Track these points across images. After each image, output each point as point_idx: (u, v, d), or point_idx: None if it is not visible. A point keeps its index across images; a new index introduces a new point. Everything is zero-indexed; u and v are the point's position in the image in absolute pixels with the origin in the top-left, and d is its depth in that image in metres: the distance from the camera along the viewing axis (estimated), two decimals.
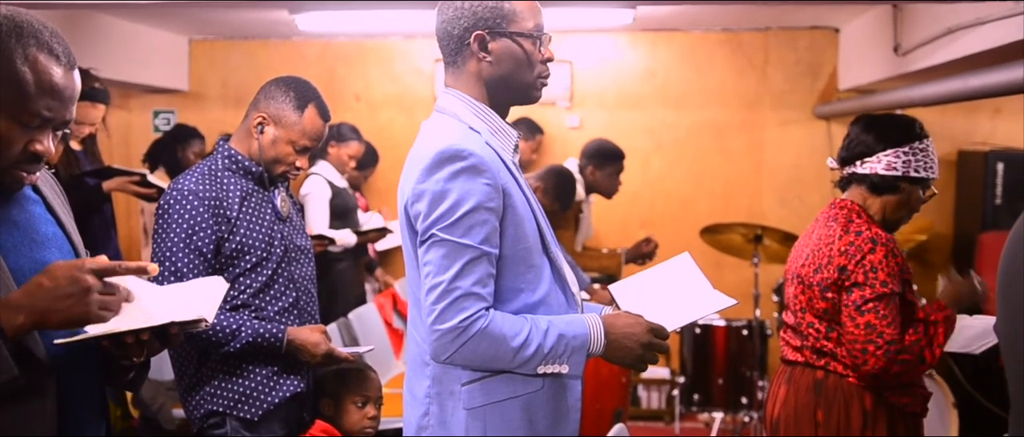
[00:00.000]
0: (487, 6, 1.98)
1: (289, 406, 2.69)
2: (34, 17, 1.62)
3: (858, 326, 2.49)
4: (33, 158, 1.62)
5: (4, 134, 1.57)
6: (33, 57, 1.57)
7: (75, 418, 1.69)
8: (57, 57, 1.60)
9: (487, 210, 1.90)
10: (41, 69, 1.58)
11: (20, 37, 1.57)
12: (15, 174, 1.62)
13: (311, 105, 2.68)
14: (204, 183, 2.60)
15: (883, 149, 2.60)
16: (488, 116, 2.02)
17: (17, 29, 1.57)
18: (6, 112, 1.57)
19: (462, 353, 1.89)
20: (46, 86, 1.59)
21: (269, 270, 2.64)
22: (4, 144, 1.58)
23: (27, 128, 1.59)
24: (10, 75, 1.56)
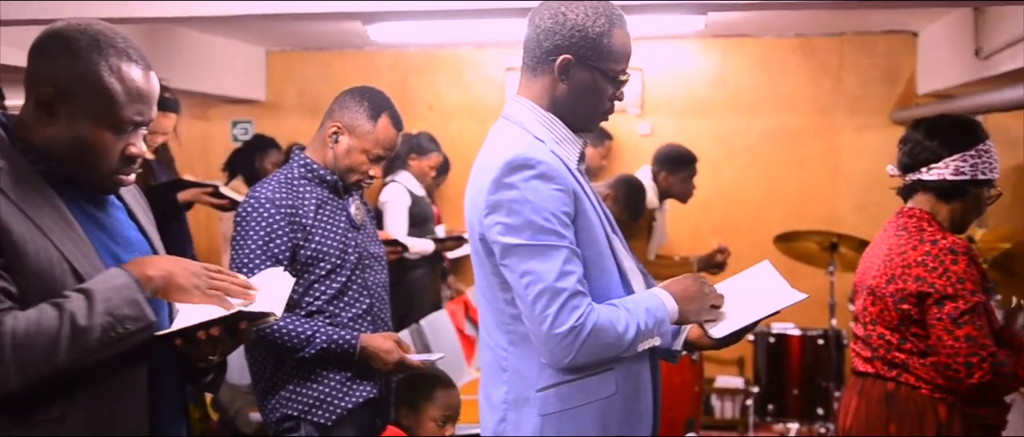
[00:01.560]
0: (586, 35, 1.97)
1: (362, 411, 2.73)
2: (105, 25, 1.69)
3: (957, 339, 2.43)
4: (129, 161, 1.71)
5: (102, 143, 1.66)
6: (116, 66, 1.65)
7: (158, 416, 1.75)
8: (136, 61, 1.68)
9: (564, 214, 1.91)
10: (126, 76, 1.66)
11: (100, 49, 1.64)
12: (115, 178, 1.72)
13: (384, 115, 2.73)
14: (280, 191, 2.66)
15: (950, 154, 2.54)
16: (554, 125, 2.03)
17: (95, 42, 1.65)
18: (101, 123, 1.65)
19: (583, 351, 1.89)
20: (133, 92, 1.67)
21: (343, 277, 2.68)
22: (103, 152, 1.67)
23: (121, 134, 1.67)
24: (99, 87, 1.64)
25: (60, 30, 1.67)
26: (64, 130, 1.66)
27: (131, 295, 1.61)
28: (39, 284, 1.60)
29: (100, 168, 1.69)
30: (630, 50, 2.03)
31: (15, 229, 1.59)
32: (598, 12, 1.98)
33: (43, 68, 1.66)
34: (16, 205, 1.60)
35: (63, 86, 1.64)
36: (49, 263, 1.61)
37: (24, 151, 1.67)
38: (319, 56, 6.82)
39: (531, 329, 1.93)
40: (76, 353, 1.56)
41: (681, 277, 2.08)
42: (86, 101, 1.64)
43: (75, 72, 1.64)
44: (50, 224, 1.63)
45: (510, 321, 1.99)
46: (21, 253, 1.59)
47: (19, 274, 1.59)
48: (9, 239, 1.58)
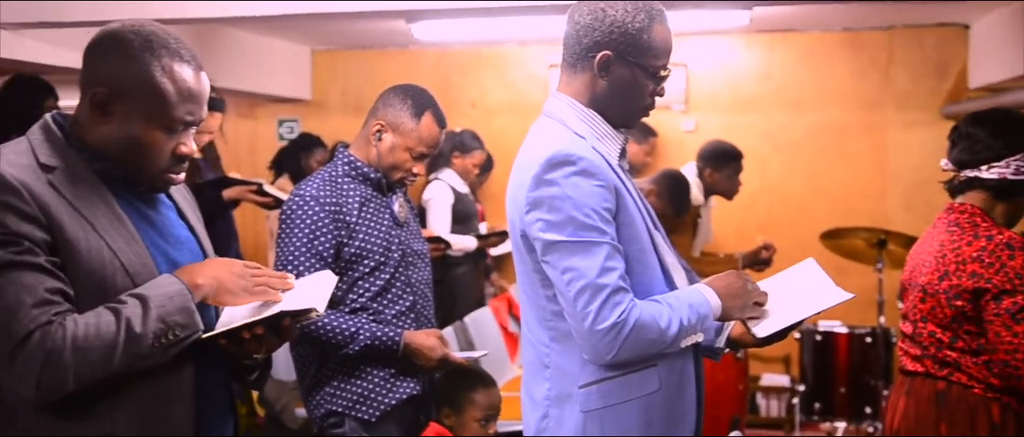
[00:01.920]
0: (625, 31, 1.96)
1: (405, 408, 2.74)
2: (158, 27, 1.72)
3: (1016, 335, 2.38)
4: (180, 160, 1.74)
5: (154, 143, 1.70)
6: (169, 67, 1.68)
7: (204, 414, 1.78)
8: (188, 62, 1.71)
9: (606, 210, 1.91)
10: (178, 77, 1.69)
11: (153, 50, 1.67)
12: (166, 177, 1.75)
13: (428, 112, 2.74)
14: (325, 189, 2.68)
15: (1012, 153, 2.49)
16: (594, 121, 2.03)
17: (148, 43, 1.67)
18: (154, 122, 1.68)
19: (626, 348, 1.88)
20: (185, 92, 1.69)
21: (387, 274, 2.70)
22: (155, 151, 1.70)
23: (172, 133, 1.70)
24: (152, 88, 1.67)
25: (115, 31, 1.70)
26: (118, 129, 1.69)
27: (184, 303, 1.64)
28: (91, 282, 1.63)
29: (151, 167, 1.72)
30: (670, 45, 2.02)
31: (68, 228, 1.62)
32: (638, 8, 1.97)
33: (98, 68, 1.69)
34: (71, 204, 1.64)
35: (117, 86, 1.67)
36: (101, 261, 1.64)
37: (79, 150, 1.70)
38: (363, 55, 6.86)
39: (573, 326, 1.92)
40: (129, 358, 1.59)
41: (724, 273, 2.07)
42: (139, 101, 1.67)
43: (129, 72, 1.67)
44: (103, 222, 1.66)
45: (552, 318, 1.99)
46: (74, 252, 1.62)
47: (72, 272, 1.62)
48: (63, 238, 1.61)
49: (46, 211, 1.61)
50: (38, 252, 1.58)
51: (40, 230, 1.59)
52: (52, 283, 1.59)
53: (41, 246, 1.59)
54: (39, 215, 1.60)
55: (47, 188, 1.63)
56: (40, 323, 1.55)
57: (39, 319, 1.55)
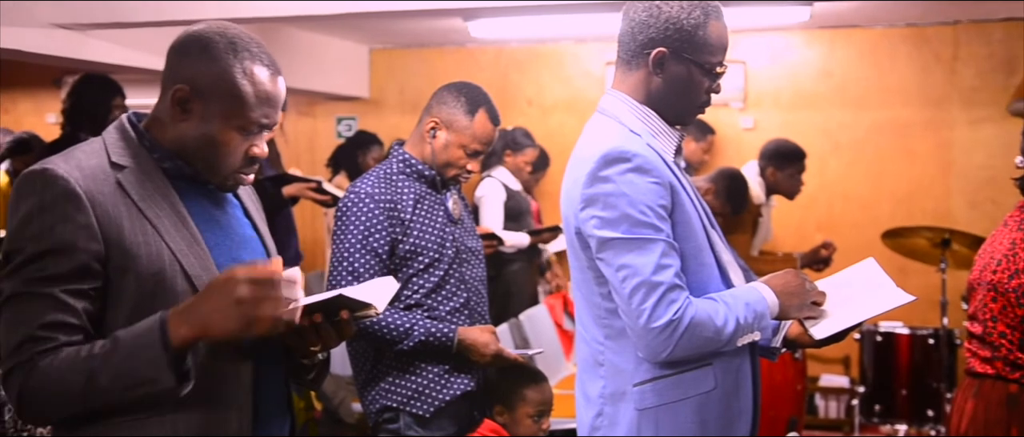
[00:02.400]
0: (681, 28, 1.95)
1: (460, 404, 2.76)
2: (241, 30, 1.75)
3: None
4: (252, 161, 1.77)
5: (229, 143, 1.72)
6: (249, 70, 1.71)
7: (262, 412, 1.80)
8: (267, 66, 1.73)
9: (661, 207, 1.90)
10: (256, 80, 1.71)
11: (235, 52, 1.70)
12: (236, 177, 1.78)
13: (481, 110, 2.75)
14: (380, 186, 2.70)
15: None
16: (650, 118, 2.02)
17: (232, 45, 1.70)
18: (230, 123, 1.71)
19: (681, 346, 1.87)
20: (262, 95, 1.72)
21: (441, 271, 2.72)
22: (229, 151, 1.73)
23: (247, 135, 1.73)
24: (231, 89, 1.70)
25: (199, 32, 1.73)
26: (195, 128, 1.71)
27: (153, 356, 1.58)
28: (150, 285, 1.66)
29: (224, 166, 1.75)
30: (727, 42, 2.00)
31: (128, 232, 1.65)
32: (693, 5, 1.96)
33: (181, 67, 1.72)
34: (136, 205, 1.67)
35: (198, 85, 1.70)
36: (160, 265, 1.66)
37: (151, 149, 1.74)
38: (421, 53, 6.91)
39: (628, 323, 1.92)
40: (99, 402, 1.61)
41: (782, 272, 2.04)
42: (218, 101, 1.70)
43: (210, 73, 1.69)
44: (166, 225, 1.69)
45: (606, 315, 1.99)
46: (133, 256, 1.65)
47: (130, 274, 1.65)
48: (121, 242, 1.64)
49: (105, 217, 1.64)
50: (57, 281, 1.60)
51: (91, 241, 1.62)
52: (53, 317, 1.60)
53: (73, 268, 1.61)
54: (93, 223, 1.62)
55: (114, 189, 1.66)
56: (20, 360, 1.59)
57: (21, 356, 1.59)
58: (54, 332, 1.60)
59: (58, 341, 1.60)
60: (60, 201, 1.62)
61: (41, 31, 4.20)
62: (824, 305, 2.05)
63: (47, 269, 1.61)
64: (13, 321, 1.62)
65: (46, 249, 1.62)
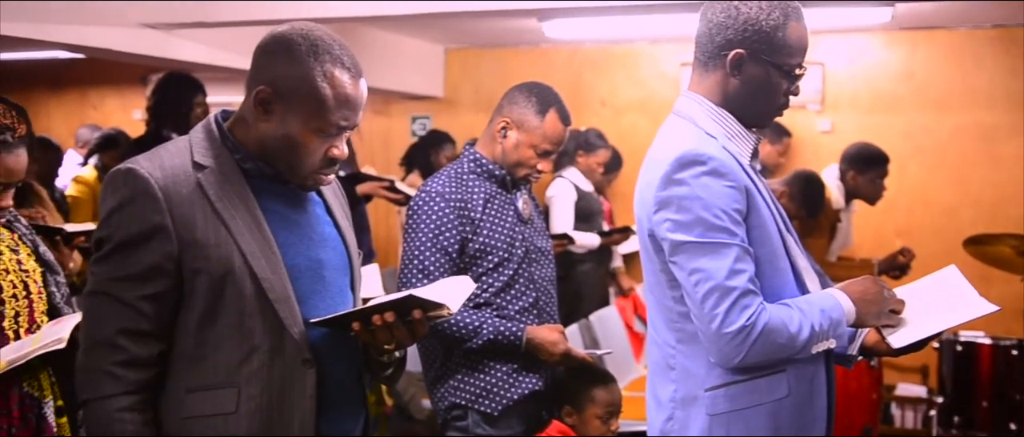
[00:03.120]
0: (759, 29, 1.92)
1: (528, 403, 2.76)
2: (325, 32, 1.77)
3: None
4: (331, 162, 1.80)
5: (308, 144, 1.76)
6: (329, 73, 1.73)
7: (336, 408, 1.83)
8: (348, 69, 1.76)
9: (736, 211, 1.88)
10: (337, 83, 1.74)
11: (317, 54, 1.73)
12: (316, 177, 1.81)
13: (552, 110, 2.75)
14: (450, 185, 2.73)
15: None
16: (726, 121, 1.99)
17: (314, 47, 1.73)
18: (310, 125, 1.74)
19: (754, 352, 1.85)
20: (342, 98, 1.75)
21: (510, 270, 2.73)
22: (308, 152, 1.76)
23: (326, 136, 1.76)
24: (312, 91, 1.72)
25: (284, 34, 1.76)
26: (276, 129, 1.75)
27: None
28: (220, 286, 1.71)
29: (303, 167, 1.78)
30: (806, 44, 1.97)
31: (201, 232, 1.70)
32: (772, 5, 1.93)
33: (264, 69, 1.76)
34: (213, 206, 1.72)
35: (279, 87, 1.73)
36: (230, 266, 1.71)
37: (233, 150, 1.78)
38: (495, 53, 6.94)
39: (700, 328, 1.90)
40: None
41: (859, 279, 2.00)
42: (298, 103, 1.73)
43: (292, 75, 1.73)
44: (240, 227, 1.73)
45: (678, 319, 1.97)
46: (205, 256, 1.71)
47: (202, 275, 1.71)
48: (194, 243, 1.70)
49: (181, 217, 1.70)
50: (133, 281, 1.70)
51: (165, 240, 1.69)
52: (126, 323, 1.69)
53: (147, 266, 1.69)
54: (168, 223, 1.69)
55: (193, 189, 1.72)
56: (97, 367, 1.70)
57: (91, 366, 1.71)
58: (127, 340, 1.69)
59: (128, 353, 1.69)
60: (138, 199, 1.69)
61: (129, 31, 4.33)
62: (903, 313, 2.00)
63: (125, 266, 1.69)
64: (92, 319, 1.73)
65: (124, 244, 1.69)
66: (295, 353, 1.75)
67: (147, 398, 1.72)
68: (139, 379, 1.71)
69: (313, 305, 1.79)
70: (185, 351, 1.74)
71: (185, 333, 1.73)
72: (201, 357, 1.73)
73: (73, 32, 4.09)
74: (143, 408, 1.71)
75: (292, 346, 1.74)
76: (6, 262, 2.15)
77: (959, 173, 6.02)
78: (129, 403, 1.69)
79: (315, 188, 1.87)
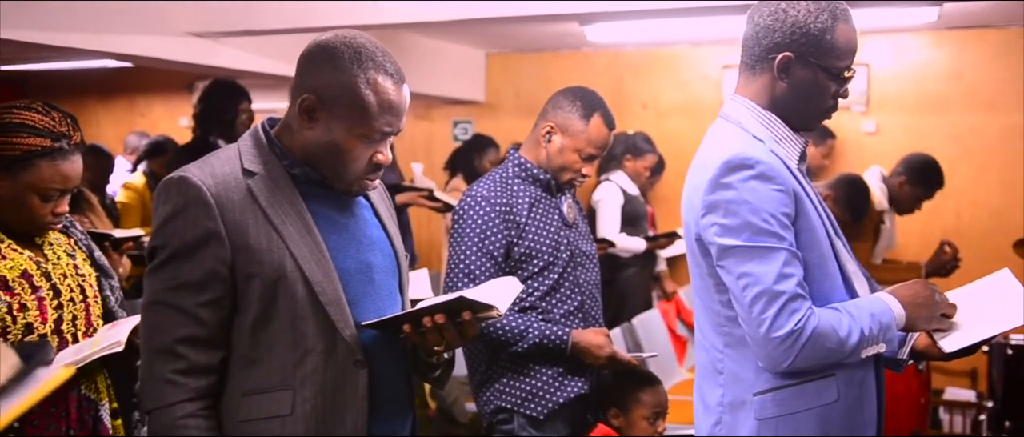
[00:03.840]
0: (807, 32, 1.91)
1: (573, 406, 2.77)
2: (367, 38, 1.80)
3: None
4: (376, 168, 1.82)
5: (353, 150, 1.78)
6: (373, 80, 1.75)
7: (384, 409, 1.85)
8: (391, 75, 1.78)
9: (784, 215, 1.87)
10: (380, 89, 1.76)
11: (360, 62, 1.75)
12: (361, 183, 1.83)
13: (597, 114, 2.76)
14: (496, 190, 2.74)
15: None
16: (773, 124, 1.98)
17: (357, 55, 1.76)
18: (354, 132, 1.77)
19: (802, 356, 1.84)
20: (385, 105, 1.77)
21: (555, 274, 2.74)
22: (353, 159, 1.79)
23: (371, 143, 1.78)
24: (355, 99, 1.75)
25: (327, 42, 1.79)
26: (320, 135, 1.78)
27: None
28: (272, 291, 1.74)
29: (348, 173, 1.81)
30: (855, 46, 1.95)
31: (253, 238, 1.73)
32: (821, 8, 1.91)
33: (308, 76, 1.78)
34: (263, 211, 1.75)
35: (323, 94, 1.76)
36: (282, 271, 1.74)
37: (281, 156, 1.81)
38: (536, 58, 6.95)
39: (748, 332, 1.89)
40: None
41: (910, 282, 1.98)
42: (342, 110, 1.75)
43: (335, 82, 1.75)
44: (292, 232, 1.76)
45: (726, 323, 1.96)
46: (258, 261, 1.73)
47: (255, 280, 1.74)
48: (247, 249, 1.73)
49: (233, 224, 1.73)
50: (190, 289, 1.73)
51: (219, 247, 1.72)
52: (185, 331, 1.73)
53: (203, 274, 1.72)
54: (221, 230, 1.72)
55: (244, 195, 1.75)
56: (159, 376, 1.73)
57: (154, 375, 1.74)
58: (186, 348, 1.73)
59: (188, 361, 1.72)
60: (192, 207, 1.72)
61: (177, 39, 4.40)
62: (954, 317, 1.98)
63: (181, 274, 1.72)
64: (152, 328, 1.76)
65: (179, 252, 1.72)
66: (347, 355, 1.77)
67: (209, 404, 1.75)
68: (200, 386, 1.74)
69: (363, 307, 1.82)
70: (240, 355, 1.77)
71: (239, 337, 1.76)
72: (256, 360, 1.76)
73: (123, 41, 4.16)
74: (205, 414, 1.74)
75: (344, 348, 1.77)
76: (63, 267, 2.20)
77: (1008, 175, 5.93)
78: (192, 410, 1.72)
79: (360, 193, 1.89)
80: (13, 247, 2.14)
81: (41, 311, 2.11)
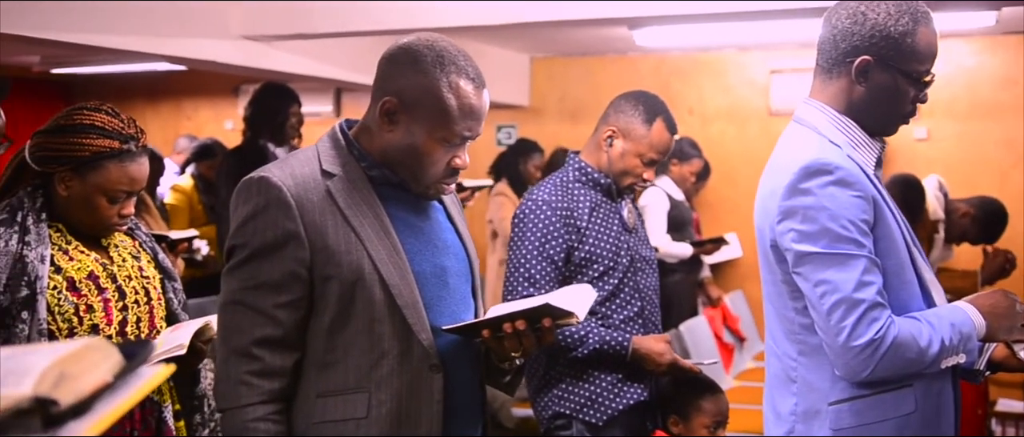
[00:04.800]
0: (888, 35, 1.87)
1: (632, 414, 2.74)
2: (449, 44, 1.79)
3: None
4: (453, 172, 1.81)
5: (432, 154, 1.77)
6: (455, 83, 1.75)
7: (457, 415, 1.84)
8: (473, 80, 1.77)
9: (863, 222, 1.83)
10: (462, 93, 1.75)
11: (443, 65, 1.74)
12: (438, 187, 1.83)
13: (659, 119, 2.73)
14: (556, 194, 2.72)
15: None
16: (850, 129, 1.95)
17: (440, 58, 1.75)
18: (435, 135, 1.76)
19: (882, 366, 1.80)
20: (467, 109, 1.76)
21: (615, 279, 2.71)
22: (432, 162, 1.78)
23: (450, 147, 1.77)
24: (437, 103, 1.74)
25: (410, 45, 1.78)
26: (401, 138, 1.77)
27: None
28: (350, 292, 1.74)
29: (427, 176, 1.80)
30: (936, 49, 1.92)
31: (332, 239, 1.73)
32: (901, 10, 1.88)
33: (390, 79, 1.78)
34: (342, 212, 1.74)
35: (405, 97, 1.75)
36: (360, 273, 1.73)
37: (359, 158, 1.81)
38: (581, 62, 6.93)
39: (826, 341, 1.85)
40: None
41: (990, 292, 1.93)
42: (424, 113, 1.75)
43: (418, 86, 1.75)
44: (370, 234, 1.75)
45: (800, 331, 1.93)
46: (336, 263, 1.73)
47: (333, 281, 1.73)
48: (326, 250, 1.73)
49: (313, 225, 1.72)
50: (268, 290, 1.72)
51: (299, 248, 1.72)
52: (262, 332, 1.73)
53: (282, 274, 1.72)
54: (301, 231, 1.72)
55: (323, 197, 1.75)
56: (234, 377, 1.74)
57: (229, 374, 1.74)
58: (262, 349, 1.72)
59: (263, 362, 1.72)
60: (272, 207, 1.71)
61: (231, 43, 4.43)
62: None
63: (260, 274, 1.72)
64: (228, 329, 1.76)
65: (258, 252, 1.72)
66: (423, 358, 1.76)
67: (282, 407, 1.75)
68: (273, 388, 1.73)
69: (438, 311, 1.81)
70: (316, 357, 1.76)
71: (316, 339, 1.76)
72: (332, 362, 1.75)
73: (177, 44, 4.20)
74: (276, 418, 1.74)
75: (420, 352, 1.76)
76: (129, 269, 2.21)
77: None
78: (264, 413, 1.72)
79: (437, 197, 1.88)
80: (80, 248, 2.15)
81: (106, 313, 2.12)
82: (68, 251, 2.13)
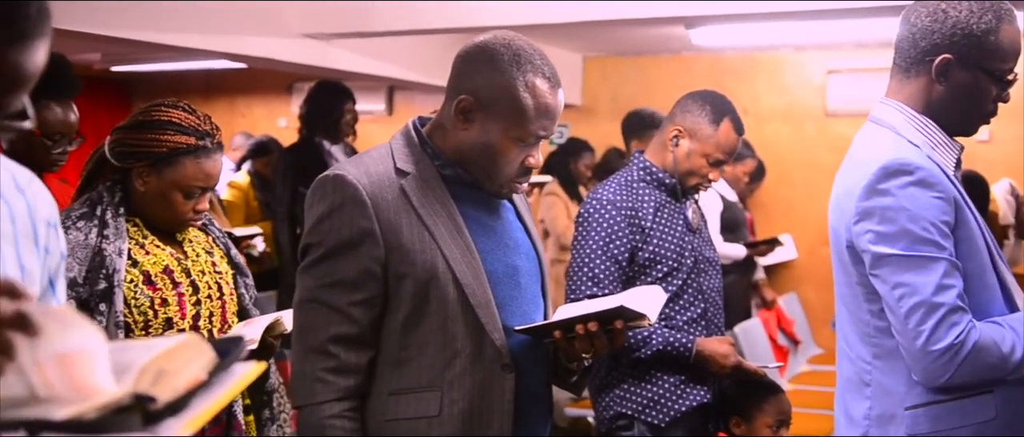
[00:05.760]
0: (969, 33, 1.84)
1: (694, 415, 2.72)
2: (525, 42, 1.78)
3: None
4: (527, 171, 1.81)
5: (507, 153, 1.77)
6: (531, 83, 1.74)
7: (526, 414, 1.84)
8: (548, 79, 1.76)
9: (944, 223, 1.80)
10: (538, 92, 1.75)
11: (519, 65, 1.74)
12: (511, 185, 1.83)
13: (726, 119, 2.71)
14: (621, 193, 2.71)
15: None
16: (929, 129, 1.91)
17: (516, 57, 1.75)
18: (510, 134, 1.76)
19: (961, 371, 1.77)
20: (542, 108, 1.75)
21: (679, 280, 2.69)
22: (506, 161, 1.78)
23: (525, 146, 1.77)
24: (513, 101, 1.74)
25: (486, 44, 1.78)
26: (476, 136, 1.77)
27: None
28: (424, 291, 1.74)
29: (500, 175, 1.80)
30: (1020, 47, 1.87)
31: (406, 237, 1.74)
32: (984, 8, 1.84)
33: (466, 77, 1.78)
34: (416, 211, 1.75)
35: (482, 96, 1.76)
36: (434, 272, 1.74)
37: (433, 156, 1.81)
38: (634, 61, 6.90)
39: (903, 344, 1.82)
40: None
41: None
42: (500, 112, 1.75)
43: (494, 84, 1.75)
44: (443, 232, 1.76)
45: (876, 334, 1.90)
46: (410, 261, 1.74)
47: (407, 279, 1.74)
48: (400, 248, 1.73)
49: (387, 223, 1.73)
50: (344, 288, 1.73)
51: (374, 246, 1.73)
52: (338, 330, 1.74)
53: (358, 272, 1.73)
54: (376, 228, 1.73)
55: (397, 195, 1.75)
56: (306, 386, 1.75)
57: (305, 369, 1.76)
58: (338, 347, 1.73)
59: (338, 360, 1.73)
60: (348, 205, 1.72)
61: (291, 41, 4.47)
62: None
63: (335, 272, 1.73)
64: (304, 326, 1.77)
65: (334, 250, 1.73)
66: (495, 358, 1.76)
67: (357, 404, 1.76)
68: (349, 385, 1.75)
69: (510, 311, 1.81)
70: (389, 354, 1.77)
71: (389, 337, 1.77)
72: (405, 360, 1.76)
73: (237, 42, 4.24)
74: (351, 415, 1.75)
75: (492, 351, 1.76)
76: (202, 264, 2.24)
77: None
78: (339, 410, 1.73)
79: (510, 196, 1.88)
80: (156, 243, 2.19)
81: (180, 307, 2.15)
82: (144, 245, 2.16)
